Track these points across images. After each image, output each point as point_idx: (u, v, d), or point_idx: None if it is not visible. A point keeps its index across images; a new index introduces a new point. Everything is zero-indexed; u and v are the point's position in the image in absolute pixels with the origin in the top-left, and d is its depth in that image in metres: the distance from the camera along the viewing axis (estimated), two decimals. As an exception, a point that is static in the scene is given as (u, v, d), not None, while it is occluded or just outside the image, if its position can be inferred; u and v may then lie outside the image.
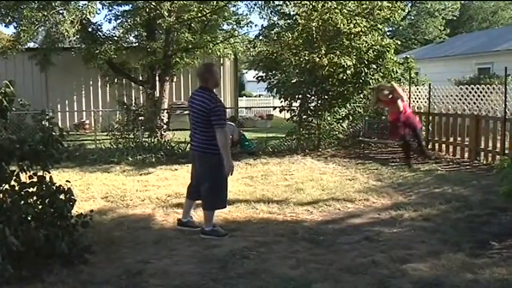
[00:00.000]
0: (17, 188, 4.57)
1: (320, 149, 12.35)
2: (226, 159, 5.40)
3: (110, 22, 16.44)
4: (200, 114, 5.44)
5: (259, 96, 36.10)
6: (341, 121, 12.82)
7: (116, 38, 16.31)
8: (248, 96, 36.47)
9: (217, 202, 5.72)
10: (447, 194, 7.59)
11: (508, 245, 5.24)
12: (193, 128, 5.65)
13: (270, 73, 12.71)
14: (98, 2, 15.60)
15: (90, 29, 16.00)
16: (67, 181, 5.02)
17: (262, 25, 19.48)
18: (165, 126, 13.43)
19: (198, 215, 6.35)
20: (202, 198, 5.76)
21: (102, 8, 16.29)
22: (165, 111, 15.49)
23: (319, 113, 12.49)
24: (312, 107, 12.63)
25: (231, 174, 5.57)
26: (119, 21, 16.16)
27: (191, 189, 5.98)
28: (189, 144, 12.36)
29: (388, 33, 16.19)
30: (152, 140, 12.03)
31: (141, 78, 17.77)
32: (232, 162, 5.54)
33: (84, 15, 14.43)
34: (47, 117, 4.78)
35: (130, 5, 15.80)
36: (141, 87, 17.90)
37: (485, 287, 4.20)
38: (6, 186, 4.58)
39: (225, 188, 5.74)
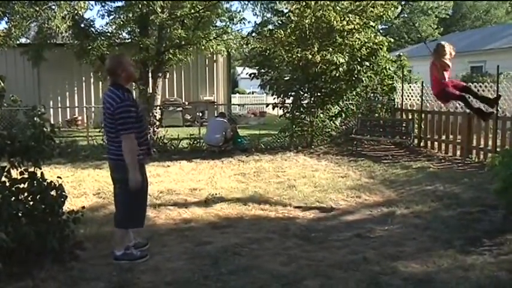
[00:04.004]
0: (7, 184, 4.54)
1: (313, 146, 12.37)
2: (132, 172, 4.48)
3: (102, 18, 16.30)
4: (107, 116, 4.63)
5: (253, 93, 36.08)
6: (334, 118, 12.85)
7: (108, 34, 16.23)
8: (241, 93, 36.43)
9: (131, 220, 4.88)
10: (439, 192, 7.63)
11: (498, 242, 5.27)
12: (105, 132, 4.85)
13: (263, 70, 12.70)
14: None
15: (82, 25, 15.89)
16: (58, 177, 4.98)
17: (255, 22, 19.47)
18: (157, 123, 13.39)
19: (190, 211, 6.35)
20: (115, 213, 5.05)
21: (95, 4, 16.21)
22: (158, 107, 15.44)
23: (312, 110, 12.51)
24: (304, 104, 12.66)
25: (137, 189, 4.57)
26: (111, 17, 16.07)
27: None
28: (181, 141, 12.43)
29: (381, 31, 16.20)
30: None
31: (133, 74, 17.68)
32: (139, 176, 4.55)
33: (76, 11, 14.35)
34: (39, 113, 4.74)
35: (123, 1, 15.73)
36: (133, 83, 17.82)
37: (476, 284, 4.22)
38: (-3, 182, 4.55)
39: (141, 205, 4.91)
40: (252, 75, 13.02)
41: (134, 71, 5.07)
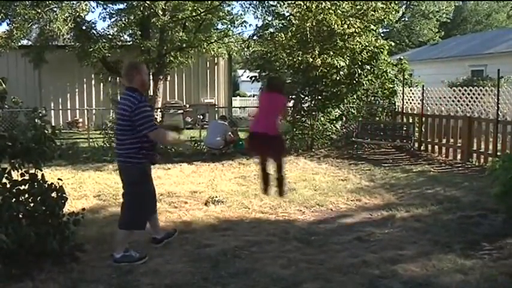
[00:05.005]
0: (8, 185, 4.55)
1: (313, 149, 12.37)
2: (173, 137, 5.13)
3: (104, 20, 16.39)
4: (122, 119, 4.68)
5: (254, 96, 36.06)
6: (334, 122, 12.84)
7: (110, 37, 16.28)
8: (242, 96, 36.42)
9: (134, 222, 4.93)
10: (439, 195, 7.63)
11: (498, 246, 5.27)
12: (116, 134, 4.90)
13: (264, 73, 12.71)
14: (92, 0, 15.59)
15: (84, 27, 15.95)
16: (59, 179, 4.99)
17: (256, 25, 19.48)
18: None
19: (191, 214, 6.35)
20: (121, 214, 5.07)
21: (97, 6, 16.26)
22: (159, 110, 15.47)
23: (313, 113, 12.52)
24: (305, 108, 12.66)
25: (144, 193, 4.89)
26: (113, 19, 16.14)
27: None
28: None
29: (382, 35, 16.21)
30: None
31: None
32: (175, 136, 5.20)
33: (77, 13, 14.38)
34: (40, 115, 4.75)
35: (125, 4, 15.76)
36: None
37: (475, 288, 4.23)
38: (-2, 184, 4.56)
39: (147, 208, 5.05)
40: (253, 78, 13.03)
41: (148, 79, 5.12)
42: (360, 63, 12.04)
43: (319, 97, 12.51)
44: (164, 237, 5.40)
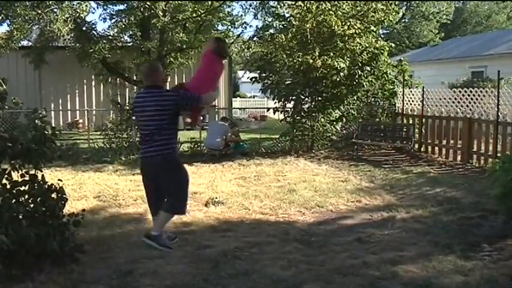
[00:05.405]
0: (8, 186, 4.55)
1: (313, 151, 12.37)
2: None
3: (104, 21, 16.46)
4: (160, 114, 4.72)
5: (254, 97, 36.09)
6: (334, 123, 12.84)
7: (110, 37, 16.30)
8: (242, 97, 36.42)
9: (179, 204, 4.95)
10: (439, 196, 7.63)
11: (498, 248, 5.27)
12: (148, 133, 4.78)
13: (264, 74, 12.72)
14: (92, 1, 15.59)
15: (84, 28, 15.96)
16: (59, 180, 5.00)
17: (256, 26, 19.47)
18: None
19: (191, 215, 6.36)
20: (167, 203, 4.91)
21: (97, 7, 16.28)
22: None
23: (313, 114, 12.52)
24: (305, 109, 12.66)
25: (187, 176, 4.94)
26: (113, 20, 16.16)
27: (153, 208, 5.02)
28: (182, 145, 12.43)
29: (382, 36, 16.20)
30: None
31: (135, 77, 17.74)
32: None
33: (77, 14, 14.39)
34: (40, 115, 4.75)
35: (125, 5, 15.78)
36: (134, 86, 17.87)
37: (475, 289, 4.23)
38: (-2, 185, 4.56)
39: (187, 192, 5.03)
40: (253, 79, 13.04)
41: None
42: (360, 65, 12.05)
43: (320, 98, 12.51)
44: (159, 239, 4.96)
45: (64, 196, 4.87)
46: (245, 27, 17.90)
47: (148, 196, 4.98)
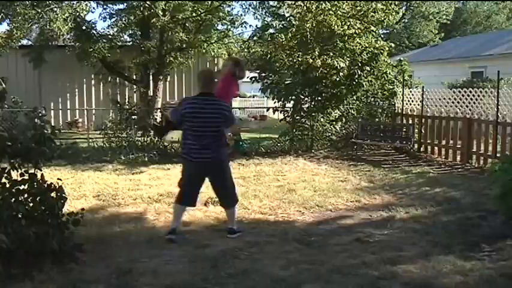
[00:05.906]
0: (7, 185, 4.55)
1: (313, 150, 12.37)
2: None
3: (104, 20, 16.45)
4: (218, 122, 5.45)
5: (253, 96, 36.05)
6: (334, 123, 12.83)
7: (110, 37, 16.32)
8: (242, 97, 36.38)
9: (235, 196, 5.90)
10: (438, 197, 7.63)
11: (497, 248, 5.26)
12: (203, 137, 5.38)
13: (264, 74, 12.72)
14: (92, 0, 15.61)
15: (84, 27, 15.96)
16: (58, 179, 4.99)
17: (256, 26, 19.48)
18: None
19: (190, 214, 6.35)
20: (225, 199, 5.87)
21: (97, 6, 16.29)
22: (159, 110, 15.48)
23: (313, 114, 12.51)
24: (305, 108, 12.65)
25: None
26: (113, 19, 16.18)
27: (194, 201, 5.80)
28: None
29: (382, 36, 16.19)
30: (145, 139, 12.00)
31: (134, 77, 17.76)
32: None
33: (77, 13, 14.39)
34: (39, 114, 4.75)
35: (125, 4, 15.78)
36: (134, 86, 17.90)
37: (475, 289, 4.23)
38: (-3, 184, 4.56)
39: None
40: (253, 78, 13.04)
41: None
42: (359, 64, 12.05)
43: (319, 98, 12.50)
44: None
45: (63, 195, 4.86)
46: (245, 26, 17.86)
47: (192, 192, 5.72)
